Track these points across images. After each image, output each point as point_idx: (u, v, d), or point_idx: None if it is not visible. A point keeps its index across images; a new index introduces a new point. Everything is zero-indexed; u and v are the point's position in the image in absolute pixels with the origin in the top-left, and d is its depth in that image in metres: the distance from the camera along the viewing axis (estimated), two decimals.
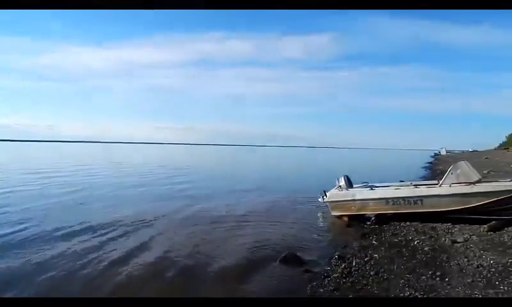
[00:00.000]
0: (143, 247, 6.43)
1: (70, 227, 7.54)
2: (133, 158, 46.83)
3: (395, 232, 7.09)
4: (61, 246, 6.27)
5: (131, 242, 6.69)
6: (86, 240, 6.70)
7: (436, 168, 27.65)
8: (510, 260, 4.94)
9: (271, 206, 10.80)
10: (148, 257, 5.93)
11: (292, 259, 5.66)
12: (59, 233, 7.07)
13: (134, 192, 13.85)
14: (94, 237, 6.91)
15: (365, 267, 5.17)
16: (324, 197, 8.84)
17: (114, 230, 7.44)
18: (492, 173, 19.25)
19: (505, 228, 6.59)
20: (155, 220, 8.59)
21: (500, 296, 3.96)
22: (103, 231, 7.31)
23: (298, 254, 5.97)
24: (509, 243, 5.82)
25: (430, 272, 4.75)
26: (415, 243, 6.22)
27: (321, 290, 4.50)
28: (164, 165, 31.51)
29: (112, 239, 6.84)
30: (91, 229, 7.47)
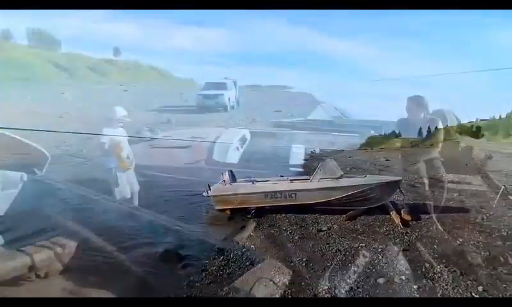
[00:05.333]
0: None
1: None
2: None
3: (272, 223, 7.58)
4: None
5: None
6: None
7: (311, 165, 30.75)
8: (360, 244, 5.85)
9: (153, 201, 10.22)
10: None
11: (170, 255, 5.50)
12: None
13: None
14: None
15: (242, 258, 5.39)
16: (208, 191, 8.85)
17: None
18: (353, 169, 22.56)
19: (359, 217, 7.75)
20: None
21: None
22: None
23: (178, 249, 5.84)
24: (360, 230, 6.86)
25: (298, 259, 5.26)
26: (288, 233, 6.78)
27: (198, 284, 4.50)
28: None
29: None
30: None
